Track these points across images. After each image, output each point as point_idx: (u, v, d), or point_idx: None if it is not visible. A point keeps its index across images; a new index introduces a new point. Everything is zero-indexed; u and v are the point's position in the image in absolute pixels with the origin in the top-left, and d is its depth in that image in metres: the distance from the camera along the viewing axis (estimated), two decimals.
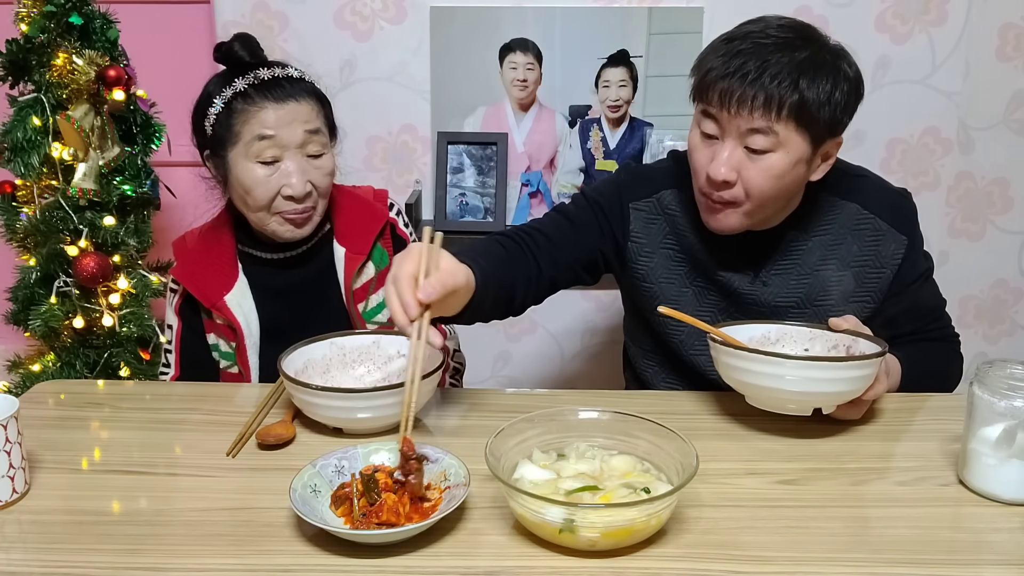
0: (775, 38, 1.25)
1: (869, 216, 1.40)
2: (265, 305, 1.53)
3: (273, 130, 1.42)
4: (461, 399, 1.34)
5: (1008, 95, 2.24)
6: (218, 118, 1.44)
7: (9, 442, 1.01)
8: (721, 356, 1.21)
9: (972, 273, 2.36)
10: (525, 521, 0.95)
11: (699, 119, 1.31)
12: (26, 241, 1.94)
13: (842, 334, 1.26)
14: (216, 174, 1.50)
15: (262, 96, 1.42)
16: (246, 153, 1.43)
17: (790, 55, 1.23)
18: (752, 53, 1.23)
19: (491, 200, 2.23)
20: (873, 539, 0.97)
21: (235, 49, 1.46)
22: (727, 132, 1.27)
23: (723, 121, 1.26)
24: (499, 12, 2.16)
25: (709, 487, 1.06)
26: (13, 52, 1.84)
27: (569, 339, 2.41)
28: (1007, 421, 1.02)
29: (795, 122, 1.23)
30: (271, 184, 1.43)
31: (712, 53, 1.28)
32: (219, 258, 1.53)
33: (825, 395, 1.17)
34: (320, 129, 1.47)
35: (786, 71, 1.22)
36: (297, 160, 1.44)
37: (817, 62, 1.24)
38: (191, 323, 1.56)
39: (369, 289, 1.56)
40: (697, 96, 1.30)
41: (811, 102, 1.23)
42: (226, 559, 0.93)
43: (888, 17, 2.15)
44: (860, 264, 1.40)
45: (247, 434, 1.19)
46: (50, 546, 0.96)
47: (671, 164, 1.49)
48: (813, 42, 1.26)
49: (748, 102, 1.22)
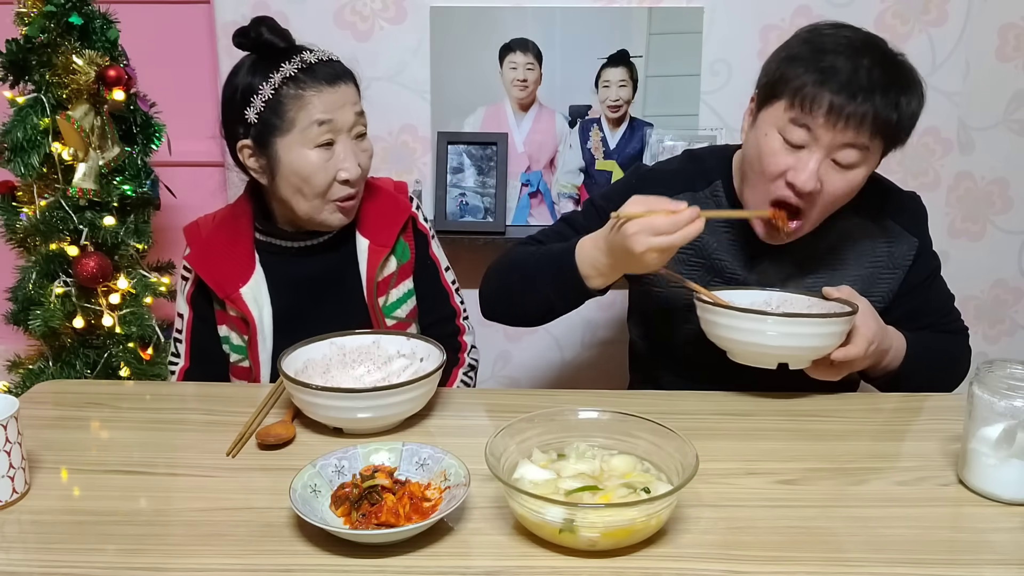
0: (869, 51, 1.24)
1: (884, 219, 1.42)
2: (281, 294, 1.50)
3: (329, 114, 1.39)
4: (461, 399, 1.34)
5: (1008, 95, 2.24)
6: (267, 105, 1.39)
7: (9, 442, 1.01)
8: (705, 314, 1.29)
9: (972, 273, 2.35)
10: (525, 521, 0.95)
11: (784, 126, 1.27)
12: (26, 241, 1.94)
13: (834, 302, 1.30)
14: (257, 166, 1.44)
15: (314, 80, 1.39)
16: (303, 140, 1.39)
17: (885, 71, 1.22)
18: (852, 68, 1.22)
19: (491, 200, 2.23)
20: (873, 539, 0.97)
21: (265, 36, 1.41)
22: (819, 143, 1.25)
23: (818, 131, 1.24)
24: (499, 12, 2.16)
25: (709, 487, 1.06)
26: (13, 52, 1.84)
27: (569, 339, 2.40)
28: (1007, 421, 1.02)
29: (883, 138, 1.25)
30: (328, 169, 1.41)
31: (800, 63, 1.25)
32: (237, 247, 1.50)
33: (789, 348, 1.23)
34: (363, 110, 1.46)
35: (892, 90, 1.22)
36: (348, 143, 1.42)
37: (909, 79, 1.24)
38: (203, 313, 1.53)
39: (390, 283, 1.54)
40: (791, 104, 1.26)
41: (904, 120, 1.24)
42: (226, 559, 0.93)
43: (888, 17, 2.15)
44: (873, 265, 1.41)
45: (247, 434, 1.19)
46: (50, 546, 0.96)
47: (685, 165, 1.49)
48: (894, 56, 1.27)
49: (858, 119, 1.21)
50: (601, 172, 2.25)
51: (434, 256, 1.61)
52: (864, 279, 1.40)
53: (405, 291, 1.56)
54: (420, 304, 1.58)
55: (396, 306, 1.55)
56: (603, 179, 2.24)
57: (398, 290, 1.55)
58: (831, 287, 1.30)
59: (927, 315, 1.45)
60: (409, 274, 1.57)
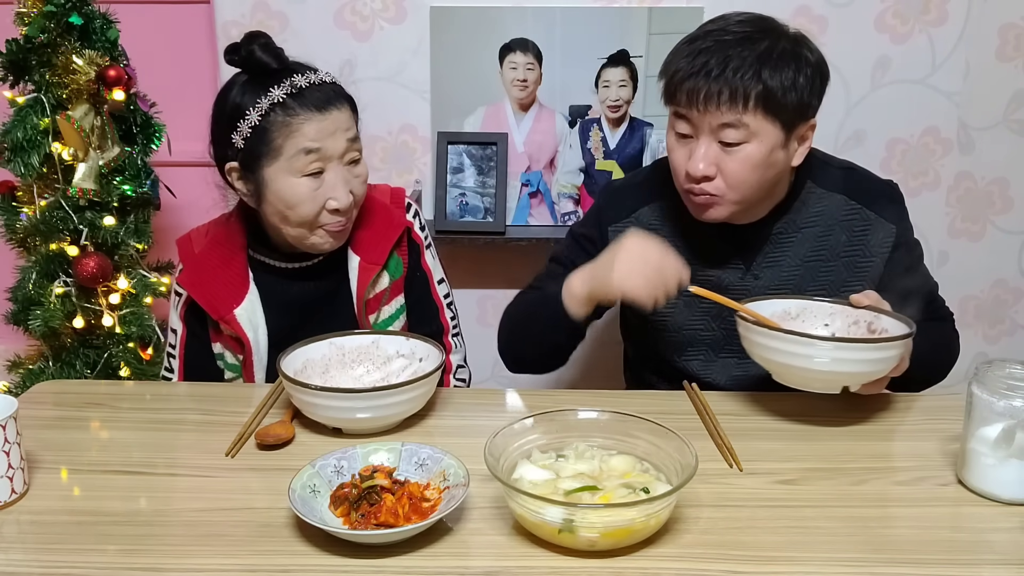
0: (735, 33, 1.28)
1: (857, 207, 1.43)
2: (276, 314, 1.47)
3: (318, 143, 1.33)
4: (461, 399, 1.34)
5: (1008, 95, 2.24)
6: (254, 131, 1.33)
7: (8, 442, 1.01)
8: (750, 334, 1.23)
9: (972, 273, 2.35)
10: (524, 521, 0.95)
11: (672, 121, 1.35)
12: (26, 241, 1.94)
13: (863, 310, 1.28)
14: (244, 189, 1.40)
15: (303, 106, 1.33)
16: (289, 168, 1.34)
17: (750, 48, 1.26)
18: (714, 51, 1.27)
19: (491, 200, 2.23)
20: (872, 539, 0.97)
21: (257, 54, 1.35)
22: (700, 129, 1.30)
23: (694, 119, 1.30)
24: (499, 12, 2.16)
25: (708, 487, 1.06)
26: (13, 52, 1.84)
27: None
28: (1006, 421, 1.02)
29: (763, 111, 1.27)
30: (317, 199, 1.35)
31: (676, 55, 1.32)
32: (230, 267, 1.46)
33: (853, 375, 1.19)
34: (357, 135, 1.40)
35: (747, 63, 1.25)
36: (339, 171, 1.37)
37: (777, 51, 1.27)
38: (196, 331, 1.50)
39: (383, 299, 1.51)
40: (667, 98, 1.34)
41: (776, 90, 1.26)
42: (225, 559, 0.93)
43: (888, 17, 2.15)
44: (850, 254, 1.42)
45: (246, 434, 1.19)
46: (49, 546, 0.96)
47: (650, 174, 1.52)
48: (772, 32, 1.30)
49: (715, 98, 1.26)
50: (601, 172, 2.25)
51: (426, 267, 1.56)
52: (841, 267, 1.42)
53: (398, 307, 1.53)
54: (409, 316, 1.55)
55: (388, 322, 1.52)
56: (603, 179, 2.24)
57: (390, 306, 1.52)
58: (858, 295, 1.28)
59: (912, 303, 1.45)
60: (402, 289, 1.54)
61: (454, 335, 1.59)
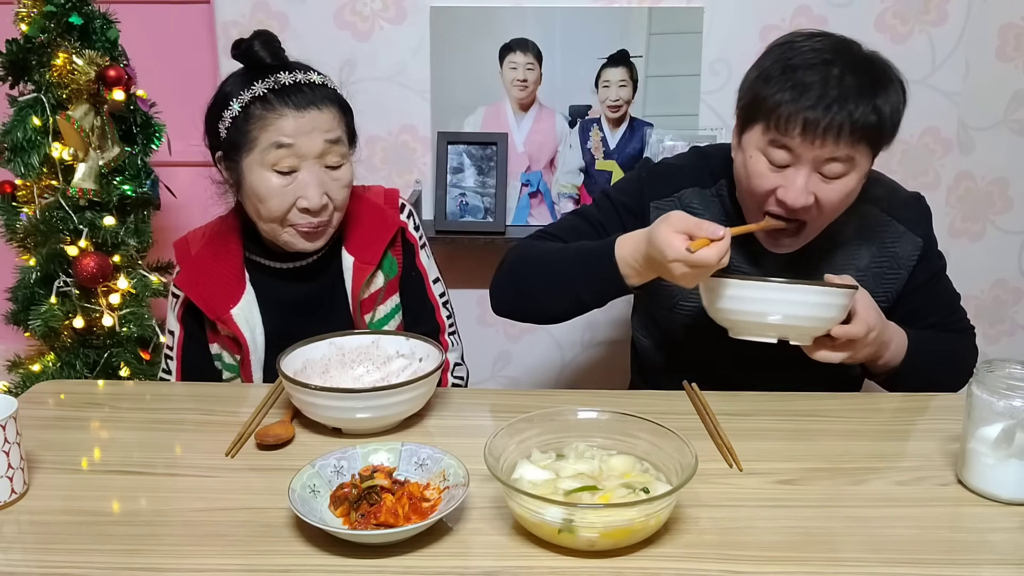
0: (835, 62, 1.22)
1: (887, 219, 1.42)
2: (272, 315, 1.48)
3: (292, 139, 1.35)
4: (460, 399, 1.34)
5: (1008, 95, 2.24)
6: (234, 121, 1.37)
7: (8, 442, 1.01)
8: (706, 291, 1.25)
9: (972, 273, 2.35)
10: (524, 521, 0.95)
11: (765, 148, 1.27)
12: (26, 241, 1.94)
13: None
14: (228, 178, 1.44)
15: (282, 102, 1.36)
16: (262, 161, 1.36)
17: (858, 77, 1.22)
18: (823, 81, 1.21)
19: (491, 200, 2.23)
20: (872, 539, 0.97)
21: (255, 49, 1.39)
22: (802, 160, 1.25)
23: (798, 149, 1.24)
24: (499, 12, 2.16)
25: (708, 487, 1.06)
26: (13, 52, 1.84)
27: (569, 339, 2.40)
28: (1006, 421, 1.02)
29: (868, 143, 1.24)
30: (286, 195, 1.37)
31: (771, 83, 1.25)
32: (226, 267, 1.48)
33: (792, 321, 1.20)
34: (340, 139, 1.41)
35: (867, 95, 1.21)
36: (315, 171, 1.38)
37: (883, 79, 1.24)
38: (194, 332, 1.51)
39: (377, 299, 1.52)
40: (768, 127, 1.26)
41: (885, 121, 1.23)
42: (225, 559, 0.93)
43: (888, 17, 2.15)
44: (878, 265, 1.42)
45: (246, 434, 1.19)
46: (49, 546, 0.96)
47: (694, 160, 1.49)
48: (867, 58, 1.26)
49: (835, 131, 1.21)
50: (601, 172, 2.25)
51: (421, 266, 1.57)
52: (869, 279, 1.40)
53: (393, 306, 1.53)
54: (404, 316, 1.55)
55: (384, 322, 1.52)
56: (603, 179, 2.24)
57: (385, 306, 1.52)
58: (833, 275, 1.29)
59: (932, 314, 1.45)
60: (397, 289, 1.54)
61: (450, 333, 1.60)
